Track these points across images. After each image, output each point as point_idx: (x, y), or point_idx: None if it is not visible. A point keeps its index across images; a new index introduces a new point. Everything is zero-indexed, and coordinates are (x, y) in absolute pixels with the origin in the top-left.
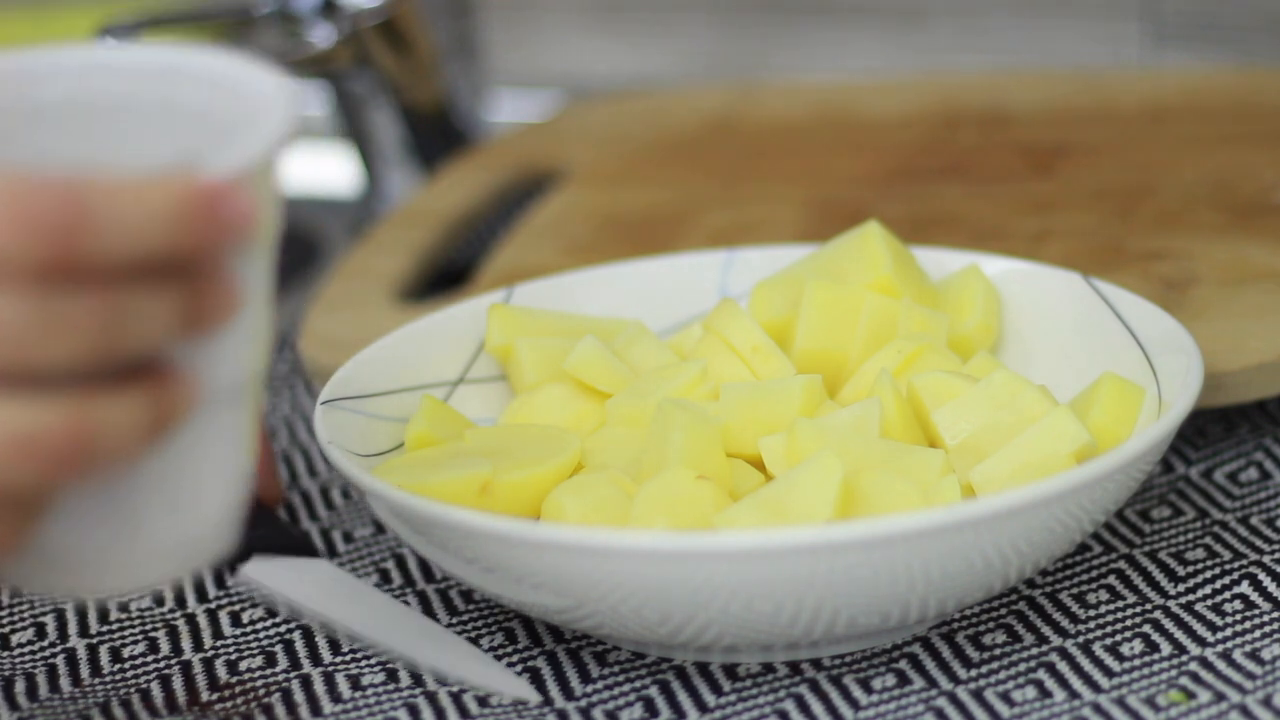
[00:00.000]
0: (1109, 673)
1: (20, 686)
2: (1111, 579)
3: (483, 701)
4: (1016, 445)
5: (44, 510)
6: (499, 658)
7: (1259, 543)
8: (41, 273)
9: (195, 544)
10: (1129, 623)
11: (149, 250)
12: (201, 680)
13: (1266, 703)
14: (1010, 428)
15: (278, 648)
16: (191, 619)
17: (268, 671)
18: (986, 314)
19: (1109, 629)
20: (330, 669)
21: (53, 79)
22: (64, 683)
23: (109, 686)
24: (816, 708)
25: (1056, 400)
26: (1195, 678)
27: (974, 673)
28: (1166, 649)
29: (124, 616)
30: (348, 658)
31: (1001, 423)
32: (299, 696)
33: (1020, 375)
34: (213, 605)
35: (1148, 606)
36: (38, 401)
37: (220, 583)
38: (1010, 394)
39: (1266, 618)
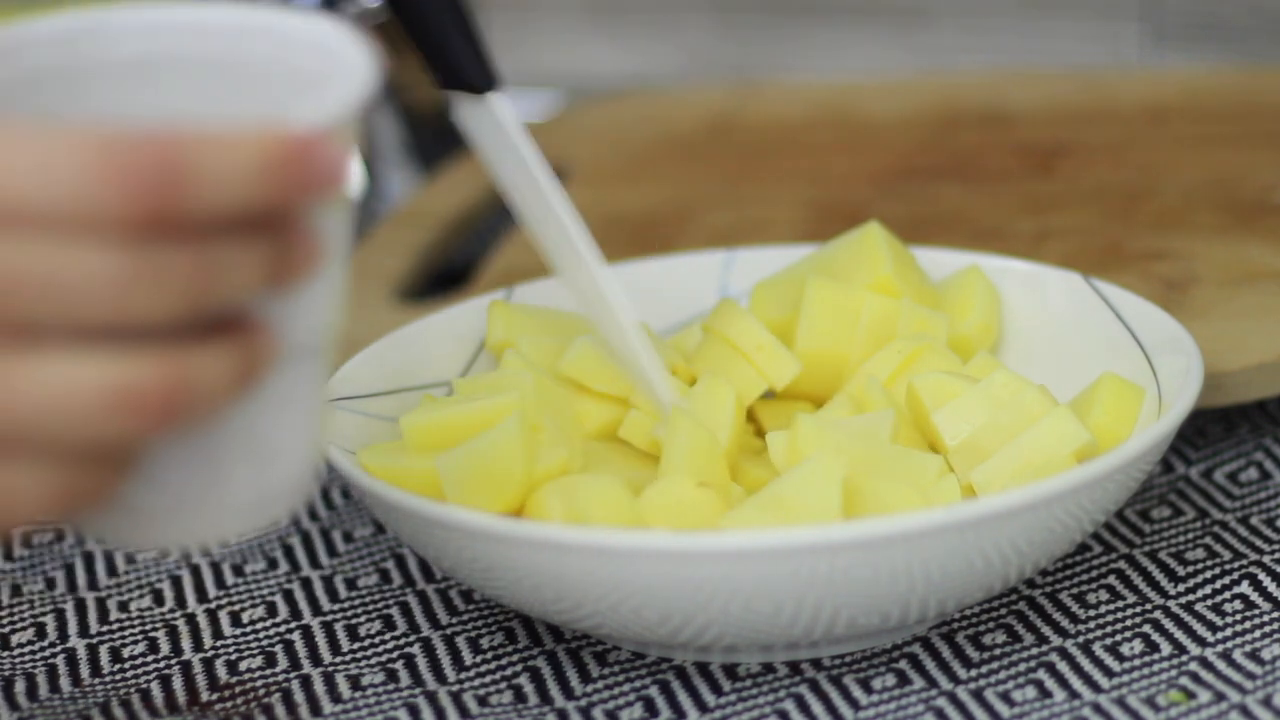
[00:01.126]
0: (1109, 673)
1: (20, 686)
2: (1111, 579)
3: (482, 701)
4: (1017, 446)
5: (133, 464)
6: (498, 658)
7: (1259, 543)
8: (137, 227)
9: (273, 497)
10: (1129, 623)
11: (242, 202)
12: (201, 680)
13: (1266, 703)
14: (1011, 428)
15: (278, 648)
16: (191, 619)
17: (268, 671)
18: (986, 314)
19: (1109, 629)
20: (330, 669)
21: (122, 38)
22: (64, 683)
23: (109, 686)
24: (816, 708)
25: (1056, 400)
26: (1195, 678)
27: (974, 673)
28: (1166, 649)
29: (124, 616)
30: (348, 658)
31: (1002, 423)
32: (299, 696)
33: (1020, 375)
34: (213, 605)
35: (1148, 606)
36: (132, 355)
37: (220, 583)
38: (1010, 394)
39: (1266, 618)
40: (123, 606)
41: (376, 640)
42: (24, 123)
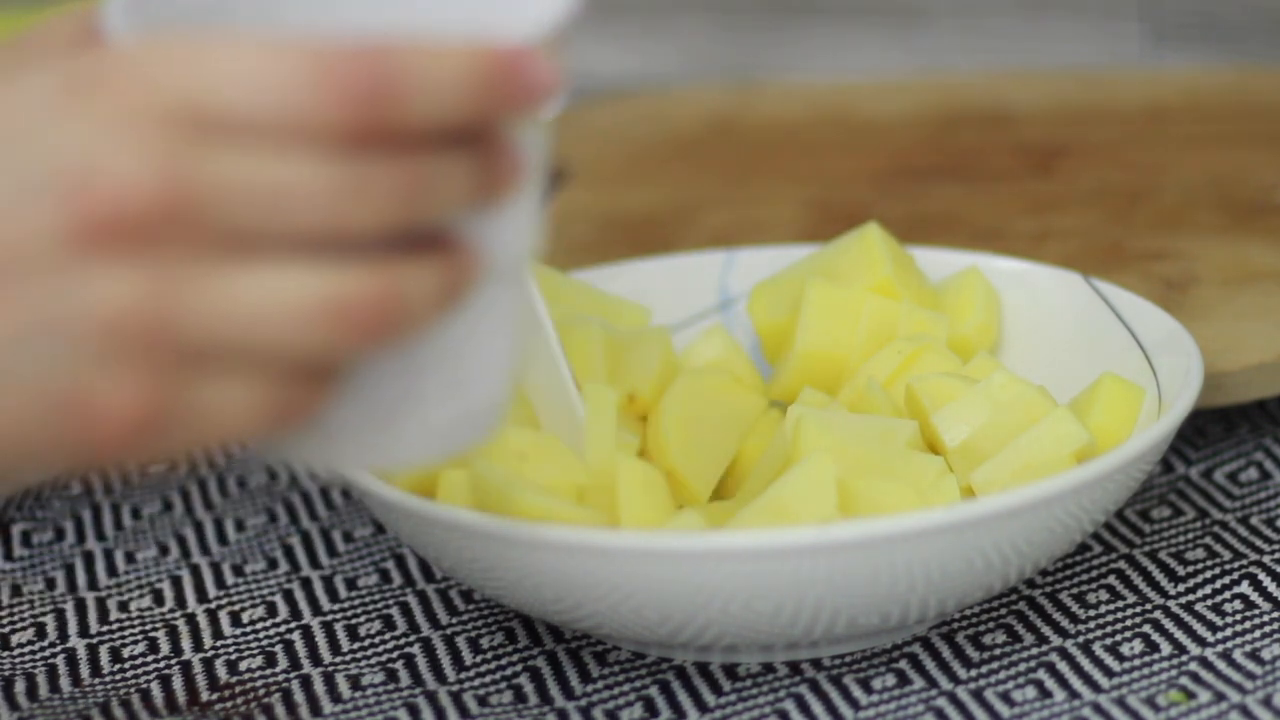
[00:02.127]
0: (1109, 673)
1: (20, 686)
2: (1111, 579)
3: (482, 701)
4: (1017, 446)
5: (337, 380)
6: (498, 658)
7: (1259, 543)
8: (351, 139)
9: (468, 421)
10: (1129, 623)
11: (453, 114)
12: (201, 680)
13: (1266, 703)
14: (1010, 429)
15: (278, 648)
16: (191, 619)
17: (268, 671)
18: (986, 315)
19: (1109, 629)
20: (330, 669)
21: None
22: (64, 683)
23: (109, 686)
24: (816, 708)
25: (1056, 401)
26: (1195, 678)
27: (974, 673)
28: (1166, 649)
29: (124, 616)
30: (348, 658)
31: (1001, 424)
32: (299, 696)
33: (1020, 376)
34: (213, 605)
35: (1148, 606)
36: (344, 267)
37: (220, 583)
38: (1010, 395)
39: (1266, 618)
40: (123, 606)
41: (376, 640)
42: (238, 36)
